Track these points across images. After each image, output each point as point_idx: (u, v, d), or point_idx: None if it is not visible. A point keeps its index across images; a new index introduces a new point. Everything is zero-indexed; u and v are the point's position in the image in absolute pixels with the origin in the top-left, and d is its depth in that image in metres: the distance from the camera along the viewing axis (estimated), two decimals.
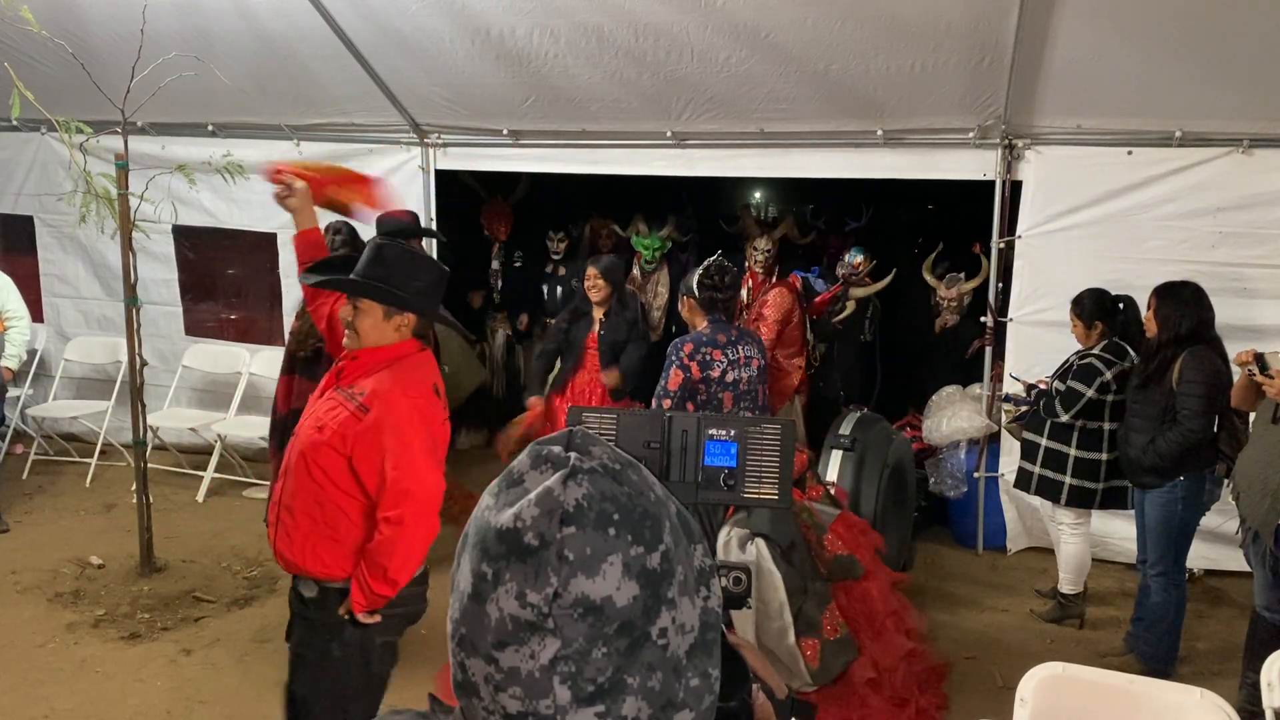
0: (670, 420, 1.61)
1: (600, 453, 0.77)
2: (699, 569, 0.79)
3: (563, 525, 0.71)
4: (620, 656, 0.71)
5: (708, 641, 0.78)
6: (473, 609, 0.73)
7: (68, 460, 6.35)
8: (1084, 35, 4.21)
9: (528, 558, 0.71)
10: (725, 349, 3.79)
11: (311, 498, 2.50)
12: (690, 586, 0.77)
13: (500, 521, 0.73)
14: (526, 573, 0.71)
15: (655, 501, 0.77)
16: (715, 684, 0.79)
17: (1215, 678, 3.82)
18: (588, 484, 0.73)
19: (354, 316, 2.54)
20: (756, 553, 3.58)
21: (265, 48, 5.15)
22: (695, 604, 0.77)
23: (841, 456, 4.72)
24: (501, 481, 0.77)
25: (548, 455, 0.76)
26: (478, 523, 0.76)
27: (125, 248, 4.61)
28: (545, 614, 0.70)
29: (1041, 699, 2.30)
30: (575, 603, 0.70)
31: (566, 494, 0.72)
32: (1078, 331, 4.29)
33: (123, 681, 3.82)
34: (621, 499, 0.74)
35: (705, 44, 4.61)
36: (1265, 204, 4.54)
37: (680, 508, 0.82)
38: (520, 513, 0.72)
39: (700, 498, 1.60)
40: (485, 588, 0.72)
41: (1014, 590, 4.85)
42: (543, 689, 0.70)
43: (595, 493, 0.73)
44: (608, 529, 0.72)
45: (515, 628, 0.71)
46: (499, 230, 6.71)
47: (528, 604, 0.70)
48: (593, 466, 0.75)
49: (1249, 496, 3.46)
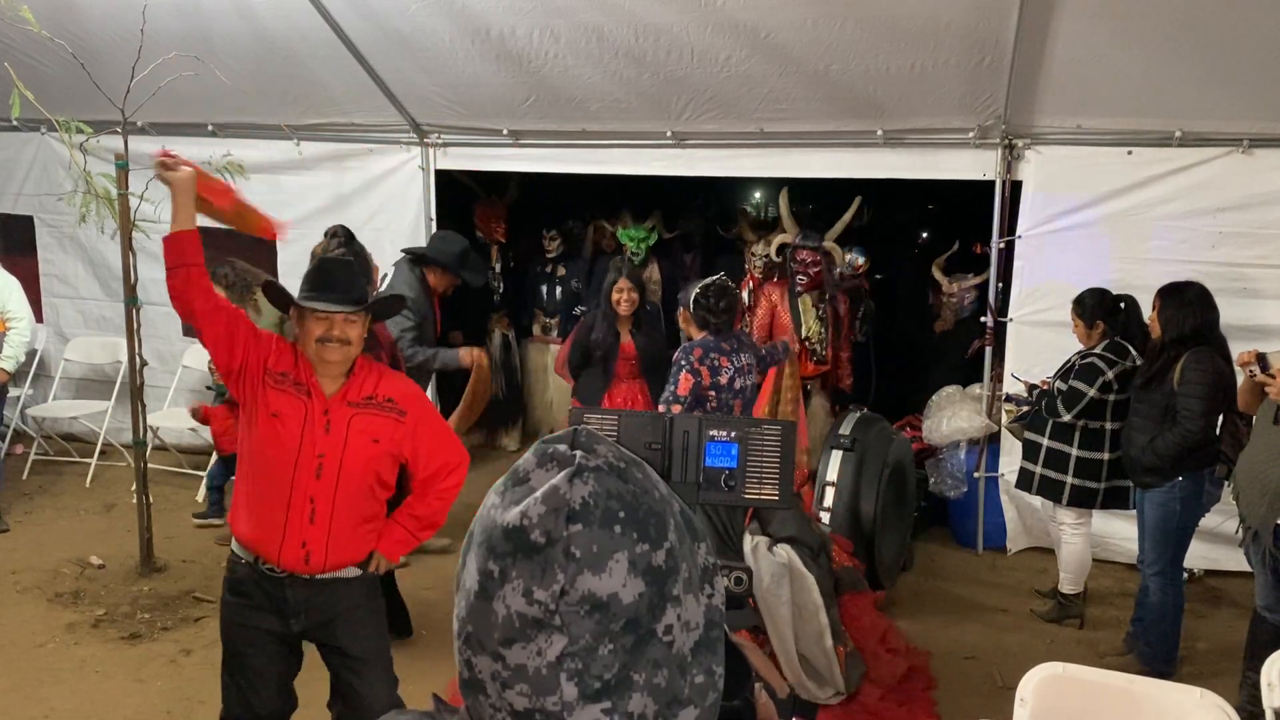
0: (672, 421, 1.62)
1: (605, 451, 0.77)
2: (703, 566, 0.79)
3: (569, 523, 0.71)
4: (626, 653, 0.71)
5: (712, 639, 0.78)
6: (479, 606, 0.73)
7: (68, 460, 6.35)
8: (1084, 35, 4.21)
9: (534, 555, 0.71)
10: (730, 356, 3.84)
11: (362, 499, 2.68)
12: (695, 584, 0.77)
13: (507, 519, 0.73)
14: (533, 570, 0.71)
15: (660, 499, 0.77)
16: (719, 681, 0.79)
17: (1215, 678, 3.82)
18: (594, 482, 0.73)
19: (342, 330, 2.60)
20: (788, 556, 3.55)
21: (265, 48, 5.15)
22: (700, 601, 0.77)
23: (841, 456, 4.72)
24: (507, 480, 0.77)
25: (553, 454, 0.76)
26: (483, 521, 0.76)
27: (125, 248, 4.61)
28: (552, 611, 0.70)
29: (1041, 699, 2.30)
30: (582, 599, 0.70)
31: (573, 491, 0.72)
32: (1079, 331, 4.29)
33: (122, 681, 3.82)
34: (627, 497, 0.74)
35: (705, 44, 4.61)
36: (1265, 204, 4.54)
37: (683, 506, 0.82)
38: (527, 510, 0.72)
39: (701, 498, 1.61)
40: (492, 585, 0.73)
41: (1014, 590, 4.85)
42: (550, 686, 0.71)
43: (601, 490, 0.73)
44: (614, 526, 0.72)
45: (522, 625, 0.71)
46: (493, 230, 6.69)
47: (535, 601, 0.71)
48: (598, 464, 0.75)
49: (1248, 496, 3.46)
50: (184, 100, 5.05)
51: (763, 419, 3.11)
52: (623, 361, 4.82)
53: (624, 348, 4.82)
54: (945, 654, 4.15)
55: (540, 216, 6.90)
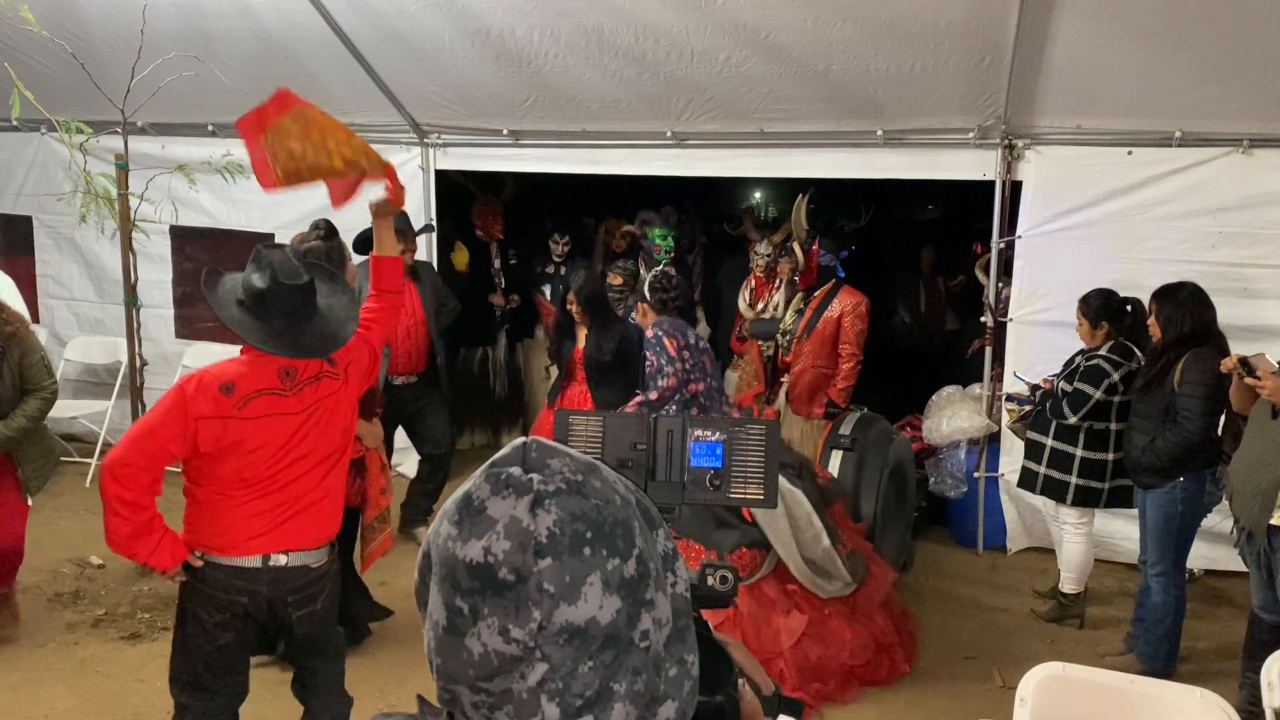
0: (656, 421, 1.62)
1: (559, 465, 0.74)
2: (663, 555, 0.78)
3: (538, 558, 0.69)
4: (606, 668, 0.71)
5: (680, 628, 0.78)
6: (450, 642, 0.72)
7: (68, 460, 6.33)
8: (1084, 35, 4.21)
9: (505, 592, 0.69)
10: (686, 334, 4.38)
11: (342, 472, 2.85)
12: (662, 579, 0.76)
13: (469, 555, 0.70)
14: (506, 608, 0.69)
15: (621, 505, 0.75)
16: (693, 668, 0.78)
17: (1215, 678, 3.82)
18: (556, 508, 0.71)
19: None
20: None
21: (265, 48, 5.15)
22: (667, 594, 0.77)
23: (841, 456, 4.72)
24: (460, 507, 0.73)
25: (507, 479, 0.73)
26: (441, 551, 0.73)
27: (125, 248, 4.61)
28: (532, 647, 0.69)
29: (1041, 699, 2.30)
30: (560, 630, 0.69)
31: (537, 523, 0.70)
32: (1082, 330, 4.27)
33: (123, 681, 3.82)
34: (591, 514, 0.72)
35: (705, 44, 4.61)
36: (1265, 204, 4.54)
37: (640, 495, 0.80)
38: (490, 547, 0.70)
39: (687, 498, 1.61)
40: (463, 623, 0.71)
41: (1014, 590, 4.85)
42: (531, 709, 0.70)
43: (565, 515, 0.71)
44: (583, 549, 0.70)
45: (501, 662, 0.70)
46: (492, 229, 6.68)
47: (512, 639, 0.69)
48: (557, 486, 0.72)
49: (1241, 496, 3.46)
50: (184, 100, 5.05)
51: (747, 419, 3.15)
52: (574, 364, 4.89)
53: (575, 352, 4.88)
54: (945, 654, 4.15)
55: (540, 213, 6.89)
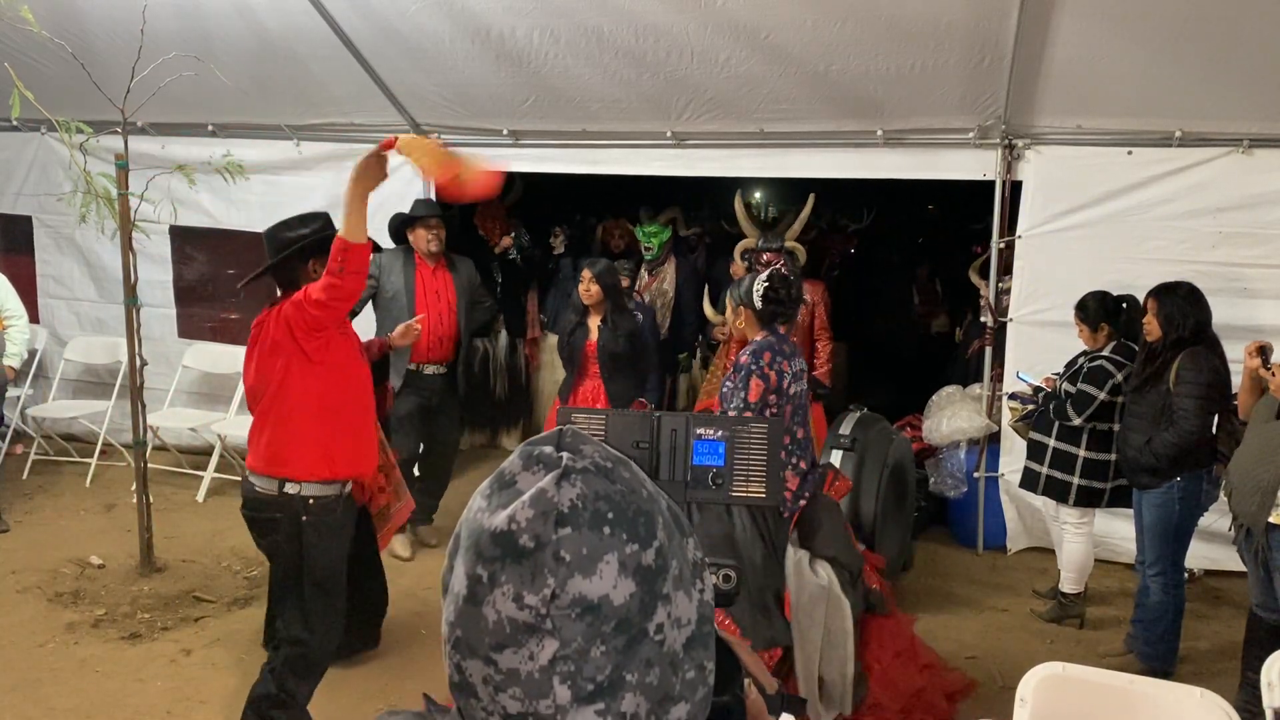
0: (659, 420, 1.62)
1: (591, 451, 0.77)
2: (693, 562, 0.79)
3: (558, 526, 0.71)
4: (619, 654, 0.72)
5: (704, 634, 0.78)
6: (469, 611, 0.73)
7: (68, 460, 6.34)
8: (1084, 35, 4.21)
9: (523, 559, 0.71)
10: (790, 360, 3.52)
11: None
12: (686, 580, 0.77)
13: (494, 524, 0.73)
14: (523, 574, 0.71)
15: (648, 497, 0.77)
16: (710, 676, 0.79)
17: (1215, 678, 3.82)
18: (581, 484, 0.73)
19: None
20: (828, 578, 3.40)
21: (265, 48, 5.15)
22: (692, 597, 0.77)
23: (841, 457, 4.71)
24: (493, 483, 0.77)
25: (539, 456, 0.75)
26: (470, 525, 0.76)
27: (125, 248, 4.61)
28: (543, 615, 0.70)
29: (1041, 699, 2.30)
30: (573, 603, 0.70)
31: (560, 494, 0.72)
32: (1084, 335, 4.27)
33: (123, 681, 3.82)
34: (615, 497, 0.74)
35: (705, 44, 4.60)
36: (1265, 204, 4.54)
37: (670, 502, 0.82)
38: (514, 514, 0.72)
39: (689, 496, 1.61)
40: (481, 590, 0.72)
41: (1014, 590, 4.85)
42: (542, 689, 0.71)
43: (589, 492, 0.73)
44: (602, 528, 0.72)
45: (513, 630, 0.71)
46: (494, 232, 6.68)
47: (525, 606, 0.71)
48: (585, 465, 0.75)
49: (1240, 493, 3.46)
50: (184, 100, 5.05)
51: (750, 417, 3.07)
52: (587, 358, 4.79)
53: (588, 344, 4.78)
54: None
55: (547, 216, 6.87)
